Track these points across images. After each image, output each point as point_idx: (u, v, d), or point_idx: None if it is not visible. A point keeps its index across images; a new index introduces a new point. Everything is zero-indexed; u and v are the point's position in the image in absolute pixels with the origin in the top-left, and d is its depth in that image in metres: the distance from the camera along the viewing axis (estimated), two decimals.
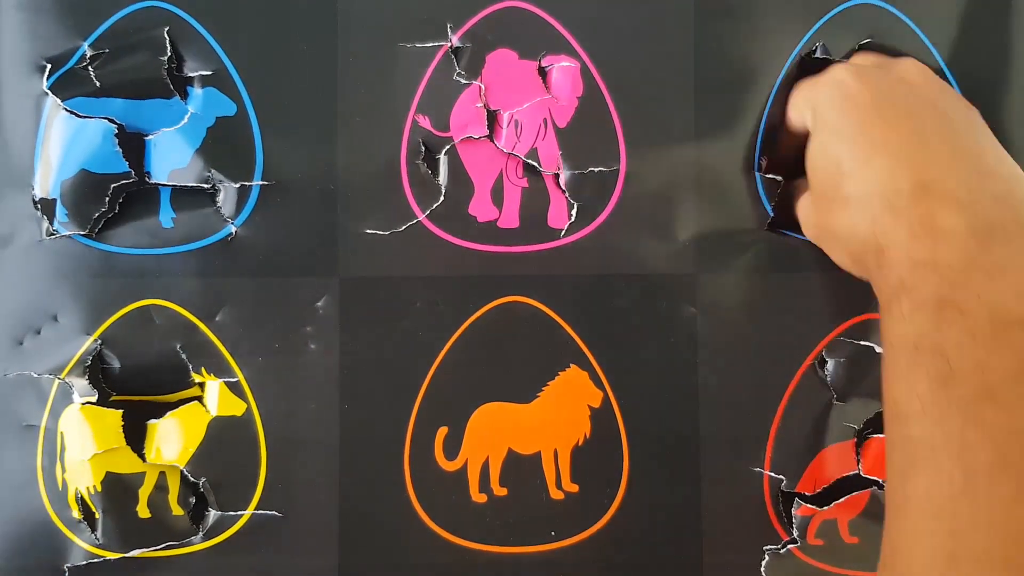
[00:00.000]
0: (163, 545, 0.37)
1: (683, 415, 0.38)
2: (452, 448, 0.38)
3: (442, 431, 0.38)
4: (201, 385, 0.38)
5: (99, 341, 0.37)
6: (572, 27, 0.38)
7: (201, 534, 0.37)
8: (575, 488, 0.38)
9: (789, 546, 0.38)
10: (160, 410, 0.37)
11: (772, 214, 0.38)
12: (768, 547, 0.38)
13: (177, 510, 0.37)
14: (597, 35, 0.38)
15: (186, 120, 0.38)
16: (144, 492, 0.37)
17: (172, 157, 0.38)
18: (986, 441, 0.25)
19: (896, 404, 0.28)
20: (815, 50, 0.38)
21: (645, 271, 0.39)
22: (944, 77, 0.38)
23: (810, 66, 0.39)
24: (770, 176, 0.38)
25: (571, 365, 0.38)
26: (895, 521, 0.28)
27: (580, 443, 0.38)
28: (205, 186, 0.37)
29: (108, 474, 0.37)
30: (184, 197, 0.38)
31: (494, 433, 0.38)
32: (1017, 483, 0.25)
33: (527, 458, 0.38)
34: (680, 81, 0.38)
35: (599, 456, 0.38)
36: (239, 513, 0.37)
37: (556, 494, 0.38)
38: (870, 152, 0.32)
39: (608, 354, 0.39)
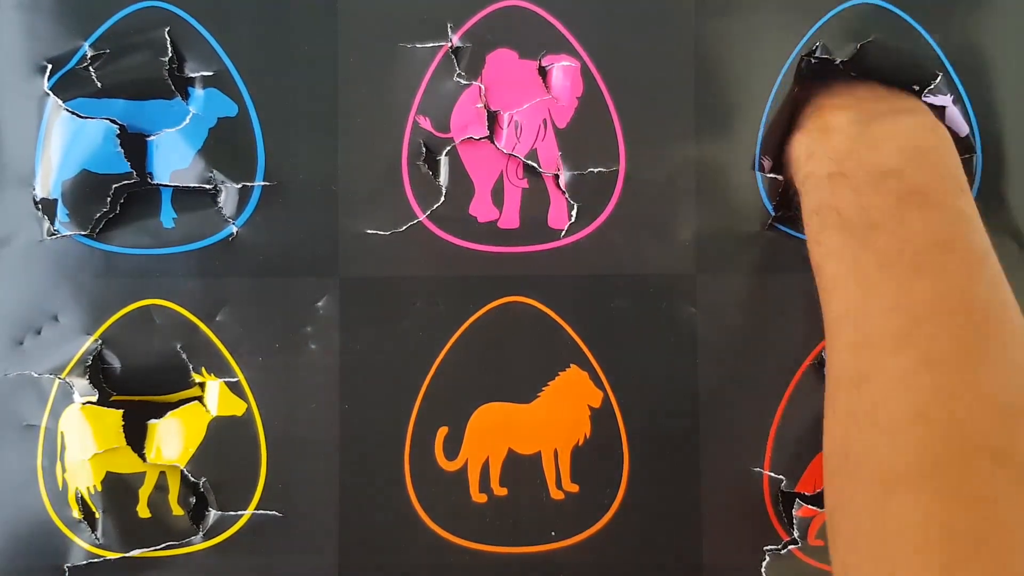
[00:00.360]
0: (163, 545, 0.37)
1: (683, 415, 0.38)
2: (452, 448, 0.38)
3: (442, 431, 0.38)
4: (201, 385, 0.38)
5: (99, 341, 0.37)
6: (572, 26, 0.38)
7: (201, 534, 0.37)
8: (575, 488, 0.38)
9: (790, 547, 0.38)
10: (160, 410, 0.37)
11: (773, 213, 0.38)
12: (768, 547, 0.38)
13: (177, 510, 0.37)
14: (597, 34, 0.38)
15: (188, 121, 0.38)
16: (144, 492, 0.37)
17: (174, 158, 0.38)
18: (873, 257, 0.32)
19: (813, 258, 0.35)
20: (815, 50, 0.38)
21: (645, 271, 0.39)
22: (948, 76, 0.38)
23: (810, 67, 0.39)
24: (771, 176, 0.38)
25: (571, 365, 0.38)
26: (827, 351, 0.34)
27: (580, 443, 0.38)
28: (207, 187, 0.37)
29: (108, 474, 0.37)
30: (185, 197, 0.38)
31: (494, 433, 0.38)
32: (897, 280, 0.31)
33: (527, 458, 0.38)
34: (680, 81, 0.38)
35: (599, 456, 0.38)
36: (239, 513, 0.37)
37: (556, 494, 0.38)
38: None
39: (608, 354, 0.39)
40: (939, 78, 0.38)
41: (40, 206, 0.37)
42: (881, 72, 0.38)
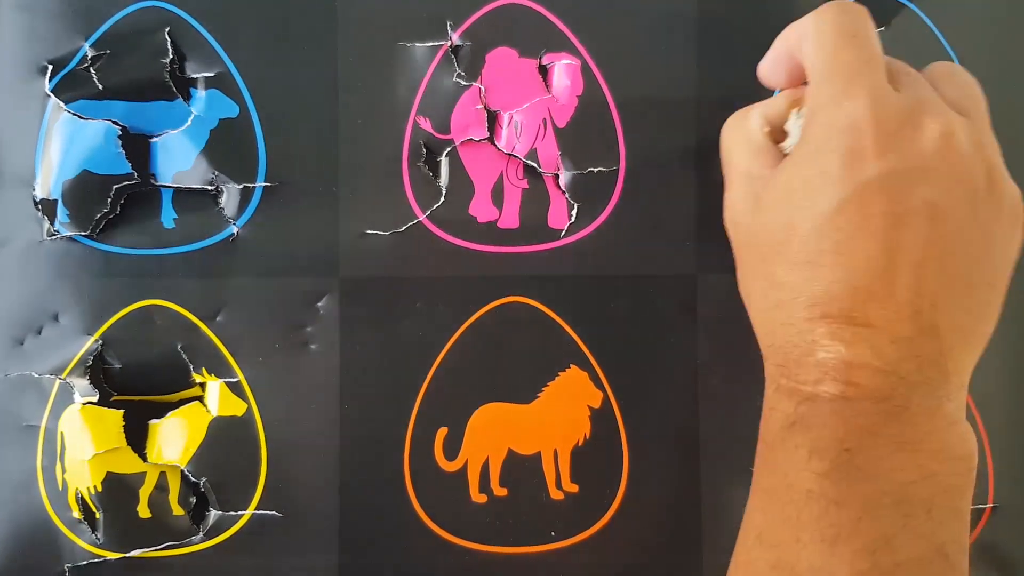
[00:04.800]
0: (163, 545, 0.37)
1: (684, 416, 0.38)
2: (452, 448, 0.38)
3: (442, 431, 0.38)
4: (202, 385, 0.38)
5: (100, 341, 0.37)
6: (573, 24, 0.38)
7: (201, 534, 0.37)
8: (575, 488, 0.38)
9: None
10: (161, 410, 0.37)
11: None
12: None
13: (177, 510, 0.37)
14: (598, 32, 0.38)
15: (189, 122, 0.38)
16: (144, 492, 0.37)
17: (176, 159, 0.38)
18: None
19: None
20: None
21: (646, 271, 0.38)
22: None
23: None
24: None
25: (571, 365, 0.38)
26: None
27: (580, 443, 0.38)
28: (209, 188, 0.38)
29: (108, 474, 0.37)
30: (186, 198, 0.38)
31: (494, 433, 0.38)
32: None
33: (527, 458, 0.38)
34: (682, 78, 0.38)
35: (599, 456, 0.38)
36: (239, 513, 0.37)
37: (556, 494, 0.38)
38: None
39: (608, 355, 0.38)
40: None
41: (40, 207, 0.37)
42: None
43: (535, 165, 0.38)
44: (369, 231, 0.38)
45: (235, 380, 0.38)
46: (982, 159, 0.29)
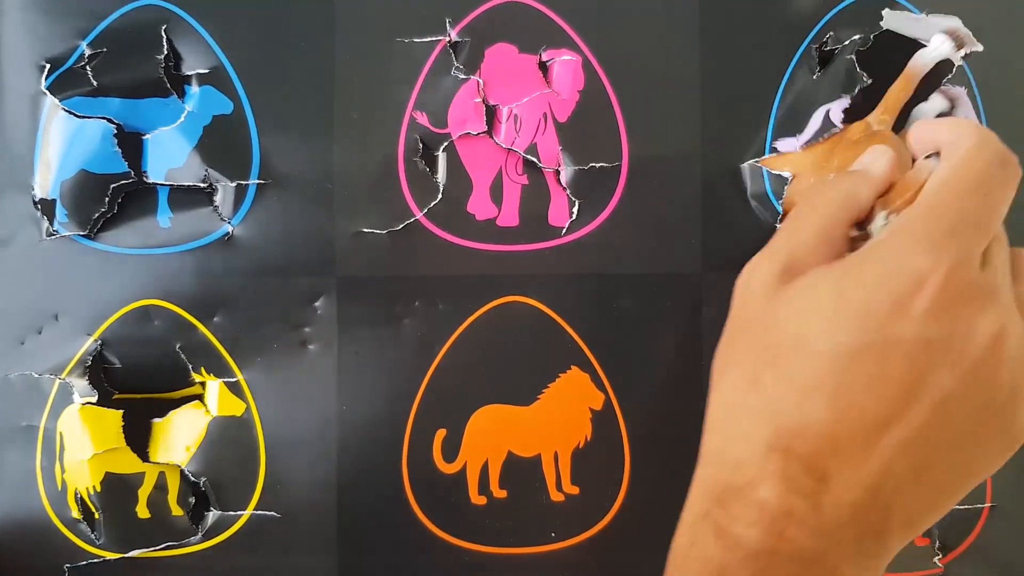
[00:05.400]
0: (163, 545, 0.37)
1: (687, 417, 0.37)
2: (451, 450, 0.38)
3: (440, 433, 0.38)
4: (202, 384, 0.38)
5: (99, 342, 0.37)
6: (573, 20, 0.37)
7: (200, 534, 0.37)
8: (576, 490, 0.38)
9: None
10: (162, 408, 0.38)
11: (781, 211, 0.37)
12: None
13: (177, 510, 0.38)
14: (599, 28, 0.37)
15: (183, 119, 0.37)
16: (144, 492, 0.37)
17: (169, 156, 0.37)
18: None
19: None
20: (826, 41, 0.37)
21: (649, 270, 0.38)
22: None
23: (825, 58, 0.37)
24: (777, 172, 0.37)
25: (572, 367, 0.38)
26: None
27: (581, 445, 0.38)
28: (202, 185, 0.37)
29: (108, 474, 0.37)
30: (181, 197, 0.38)
31: (494, 435, 0.38)
32: None
33: (527, 460, 0.38)
34: (685, 72, 0.37)
35: (600, 458, 0.38)
36: (238, 513, 0.37)
37: (556, 496, 0.38)
38: None
39: (610, 356, 0.38)
40: (955, 68, 0.36)
41: (39, 207, 0.37)
42: (894, 63, 0.37)
43: (535, 160, 0.37)
44: (365, 229, 0.37)
45: (234, 380, 0.38)
46: (1015, 375, 0.27)
